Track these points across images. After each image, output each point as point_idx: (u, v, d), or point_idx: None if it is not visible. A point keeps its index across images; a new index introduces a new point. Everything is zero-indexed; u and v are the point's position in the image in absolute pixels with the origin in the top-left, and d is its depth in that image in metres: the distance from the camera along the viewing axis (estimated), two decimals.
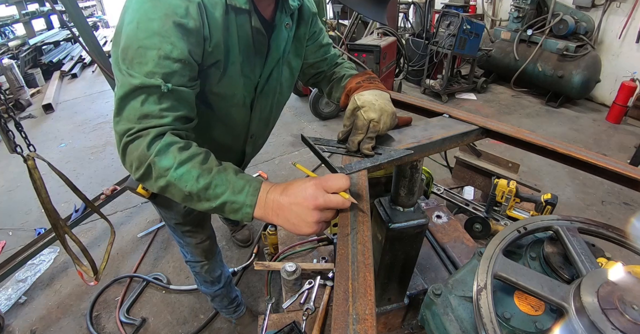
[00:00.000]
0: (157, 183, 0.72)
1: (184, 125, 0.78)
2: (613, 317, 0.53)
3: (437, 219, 1.65)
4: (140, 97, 0.71)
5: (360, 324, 0.48)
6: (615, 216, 2.73)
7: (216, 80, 0.86)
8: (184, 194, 0.70)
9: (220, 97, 0.92)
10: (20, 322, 2.01)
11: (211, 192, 0.69)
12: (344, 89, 1.03)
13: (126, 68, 0.71)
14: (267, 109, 1.09)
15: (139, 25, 0.70)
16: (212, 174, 0.70)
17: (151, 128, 0.72)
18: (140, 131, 0.71)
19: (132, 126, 0.71)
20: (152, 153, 0.70)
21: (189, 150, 0.73)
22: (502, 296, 0.69)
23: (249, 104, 1.01)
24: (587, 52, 4.13)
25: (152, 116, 0.72)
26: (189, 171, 0.69)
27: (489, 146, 3.31)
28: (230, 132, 1.07)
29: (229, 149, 1.14)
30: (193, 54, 0.75)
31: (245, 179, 0.71)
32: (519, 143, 0.96)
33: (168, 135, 0.73)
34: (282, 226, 0.69)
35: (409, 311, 1.26)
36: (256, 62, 0.93)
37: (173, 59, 0.72)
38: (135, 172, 0.74)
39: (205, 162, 0.72)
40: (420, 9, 5.19)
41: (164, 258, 2.41)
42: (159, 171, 0.70)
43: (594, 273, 0.62)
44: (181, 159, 0.70)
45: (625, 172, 0.81)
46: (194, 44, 0.75)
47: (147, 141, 0.70)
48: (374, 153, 0.84)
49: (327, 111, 4.20)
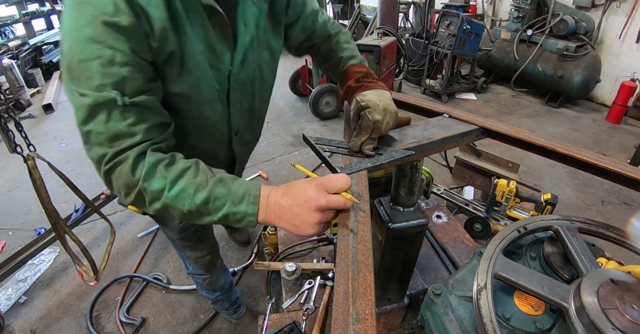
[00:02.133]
0: (152, 207, 0.69)
1: (161, 134, 0.73)
2: (613, 317, 0.53)
3: (437, 219, 1.65)
4: (101, 117, 0.64)
5: (360, 324, 0.48)
6: (615, 216, 2.73)
7: (174, 78, 0.75)
8: (183, 212, 0.68)
9: (186, 97, 0.80)
10: (20, 322, 2.01)
11: (211, 206, 0.66)
12: (343, 79, 1.00)
13: (76, 87, 0.64)
14: (247, 99, 0.96)
15: (72, 37, 0.63)
16: (208, 188, 0.67)
17: (127, 150, 0.66)
18: (117, 155, 0.66)
19: (105, 151, 0.66)
20: (140, 178, 0.66)
21: (177, 165, 0.69)
22: (502, 296, 0.69)
23: (224, 98, 0.89)
24: (587, 52, 4.13)
25: (122, 135, 0.66)
26: (184, 189, 0.66)
27: (489, 146, 3.30)
28: (209, 135, 0.95)
29: (214, 154, 1.03)
30: (139, 53, 0.66)
31: (244, 187, 0.68)
32: (519, 143, 0.96)
33: (150, 154, 0.68)
34: (284, 227, 0.68)
35: (409, 311, 1.26)
36: (223, 48, 0.80)
37: (118, 63, 0.63)
38: (125, 198, 0.70)
39: (197, 175, 0.68)
40: (420, 9, 5.19)
41: (164, 258, 2.41)
42: (152, 195, 0.67)
43: (594, 272, 0.62)
44: (172, 178, 0.66)
45: (625, 172, 0.81)
46: (135, 42, 0.65)
47: (129, 165, 0.66)
48: (374, 153, 0.84)
49: (327, 111, 4.20)
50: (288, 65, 4.50)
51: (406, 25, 5.79)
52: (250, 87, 0.94)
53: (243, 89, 0.92)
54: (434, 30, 4.67)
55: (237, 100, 0.92)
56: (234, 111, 0.93)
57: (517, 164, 2.28)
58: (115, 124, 0.65)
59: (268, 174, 3.26)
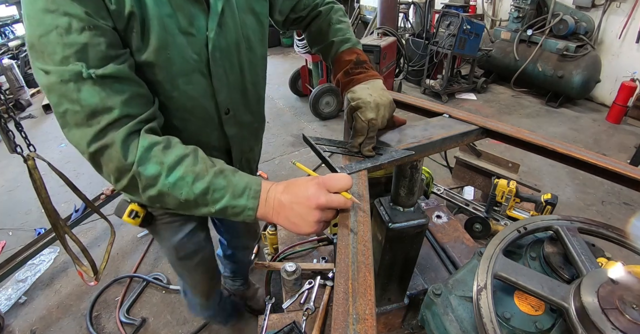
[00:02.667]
0: (146, 193, 0.65)
1: (144, 108, 0.68)
2: (613, 317, 0.53)
3: (437, 219, 1.65)
4: (72, 94, 0.60)
5: (360, 324, 0.48)
6: (615, 216, 2.73)
7: (139, 45, 0.68)
8: (179, 201, 0.65)
9: (155, 68, 0.72)
10: (20, 322, 2.01)
11: (210, 198, 0.64)
12: (334, 69, 0.95)
13: (41, 65, 0.60)
14: (235, 71, 0.86)
15: (28, 13, 0.59)
16: (208, 178, 0.64)
17: (109, 129, 0.62)
18: (100, 137, 0.62)
19: (84, 132, 0.62)
20: (133, 162, 0.62)
21: (175, 150, 0.65)
22: (502, 296, 0.69)
23: (205, 70, 0.79)
24: (587, 52, 4.13)
25: (98, 111, 0.61)
26: (182, 178, 0.63)
27: (489, 146, 3.30)
28: (192, 114, 0.85)
29: (204, 138, 0.91)
30: (97, 16, 0.61)
31: (244, 180, 0.66)
32: (519, 143, 0.96)
33: (143, 136, 0.64)
34: (282, 224, 0.67)
35: (409, 311, 1.26)
36: (195, 11, 0.73)
37: (76, 30, 0.59)
38: (116, 184, 0.66)
39: (196, 163, 0.65)
40: (420, 9, 5.19)
41: (164, 258, 2.41)
42: (147, 181, 0.63)
43: (594, 272, 0.62)
44: (170, 164, 0.63)
45: (625, 172, 0.81)
46: (91, 5, 0.60)
47: (118, 148, 0.62)
48: (374, 154, 0.84)
49: (327, 111, 4.20)
50: (288, 65, 4.51)
51: (406, 25, 5.79)
52: (237, 57, 0.84)
53: (227, 60, 0.82)
54: (434, 30, 4.68)
55: (220, 72, 0.82)
56: (219, 85, 0.84)
57: (517, 164, 2.28)
58: (87, 99, 0.61)
59: (268, 174, 3.26)
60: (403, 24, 5.73)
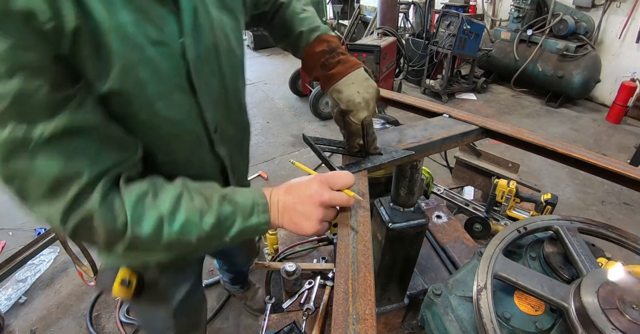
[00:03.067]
0: (152, 253, 0.59)
1: (118, 154, 0.55)
2: (613, 317, 0.53)
3: (437, 219, 1.65)
4: (23, 169, 0.46)
5: (360, 324, 0.48)
6: (615, 216, 2.73)
7: (96, 70, 0.50)
8: (191, 244, 0.58)
9: (124, 96, 0.54)
10: (20, 322, 2.01)
11: (223, 227, 0.59)
12: (307, 63, 0.86)
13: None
14: (215, 80, 0.70)
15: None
16: (214, 209, 0.58)
17: (83, 198, 0.50)
18: (74, 209, 0.50)
19: (53, 207, 0.49)
20: (126, 224, 0.52)
21: (166, 193, 0.56)
22: (502, 296, 0.69)
23: (186, 86, 0.63)
24: (587, 52, 4.13)
25: (63, 180, 0.48)
26: (187, 221, 0.56)
27: (489, 146, 3.30)
28: (179, 143, 0.69)
29: (196, 167, 0.76)
30: (25, 47, 0.43)
31: (249, 197, 0.61)
32: (519, 143, 0.96)
33: (125, 190, 0.53)
34: (286, 227, 0.65)
35: (409, 311, 1.26)
36: (162, 14, 0.56)
37: (2, 76, 0.42)
38: (109, 254, 0.57)
39: (193, 198, 0.58)
40: (420, 9, 5.19)
41: None
42: (150, 238, 0.54)
43: (594, 273, 0.62)
44: (168, 211, 0.55)
45: (625, 172, 0.81)
46: (14, 33, 0.42)
47: (101, 216, 0.51)
48: (380, 151, 0.83)
49: (327, 111, 4.20)
50: (288, 65, 4.51)
51: (406, 26, 5.79)
52: (217, 63, 0.69)
53: (207, 67, 0.67)
54: (434, 30, 4.67)
55: (204, 85, 0.66)
56: (205, 101, 0.67)
57: (517, 164, 2.28)
58: (45, 170, 0.47)
59: (268, 174, 3.26)
60: (403, 24, 5.73)
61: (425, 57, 4.76)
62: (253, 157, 3.45)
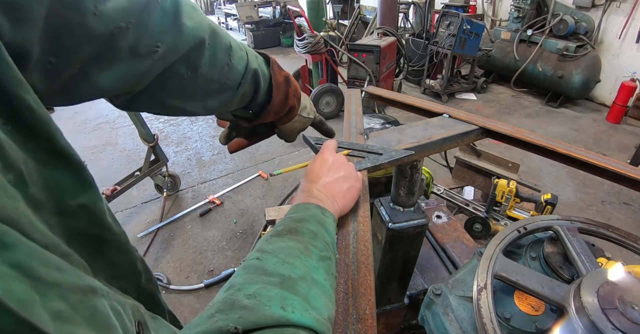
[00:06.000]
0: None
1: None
2: (613, 317, 0.53)
3: (437, 219, 1.65)
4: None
5: (360, 324, 0.48)
6: (615, 216, 2.73)
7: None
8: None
9: None
10: None
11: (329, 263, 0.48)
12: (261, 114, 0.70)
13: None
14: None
15: None
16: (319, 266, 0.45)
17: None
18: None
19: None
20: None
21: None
22: (502, 296, 0.69)
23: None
24: (587, 52, 4.13)
25: None
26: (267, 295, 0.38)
27: (489, 146, 3.31)
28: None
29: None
30: None
31: (301, 219, 0.51)
32: (519, 143, 0.96)
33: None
34: (342, 201, 0.60)
35: (409, 311, 1.26)
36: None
37: None
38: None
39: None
40: (420, 9, 5.19)
41: (164, 258, 2.41)
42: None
43: (594, 272, 0.62)
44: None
45: (625, 172, 0.81)
46: None
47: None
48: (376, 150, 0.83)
49: (327, 111, 4.20)
50: (288, 65, 4.50)
51: (406, 25, 5.79)
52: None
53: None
54: (434, 30, 4.68)
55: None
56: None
57: (517, 164, 2.28)
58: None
59: (268, 174, 3.26)
60: (403, 24, 5.73)
61: (425, 57, 4.77)
62: (253, 157, 3.47)
